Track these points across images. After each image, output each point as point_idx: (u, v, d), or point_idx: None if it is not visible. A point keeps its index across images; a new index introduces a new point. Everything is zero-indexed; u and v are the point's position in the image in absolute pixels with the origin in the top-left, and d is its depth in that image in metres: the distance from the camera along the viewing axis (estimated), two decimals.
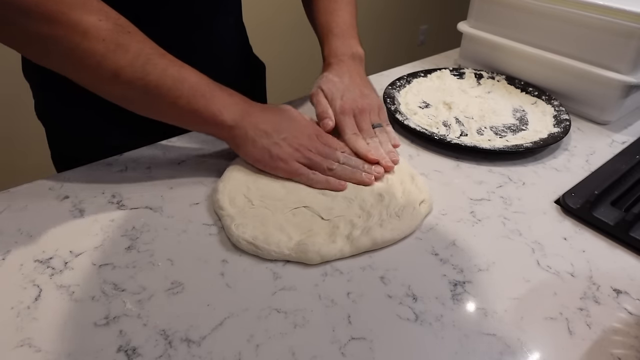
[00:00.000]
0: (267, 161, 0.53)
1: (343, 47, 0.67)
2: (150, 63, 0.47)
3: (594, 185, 0.53)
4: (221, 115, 0.51)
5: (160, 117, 0.52)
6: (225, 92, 0.53)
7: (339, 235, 0.46)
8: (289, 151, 0.53)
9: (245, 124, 0.52)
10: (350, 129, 0.59)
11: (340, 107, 0.60)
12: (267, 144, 0.52)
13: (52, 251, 0.44)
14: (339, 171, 0.53)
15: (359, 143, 0.57)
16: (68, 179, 0.54)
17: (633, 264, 0.46)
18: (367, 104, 0.62)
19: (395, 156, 0.57)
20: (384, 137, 0.60)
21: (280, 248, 0.44)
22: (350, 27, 0.69)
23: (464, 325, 0.39)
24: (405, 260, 0.45)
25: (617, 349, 0.37)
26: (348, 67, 0.65)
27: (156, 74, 0.47)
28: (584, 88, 0.72)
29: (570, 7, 0.70)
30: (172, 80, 0.48)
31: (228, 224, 0.46)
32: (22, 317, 0.38)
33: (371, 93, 0.64)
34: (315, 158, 0.54)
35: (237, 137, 0.52)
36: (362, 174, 0.53)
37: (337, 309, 0.40)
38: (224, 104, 0.51)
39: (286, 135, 0.54)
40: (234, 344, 0.36)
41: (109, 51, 0.44)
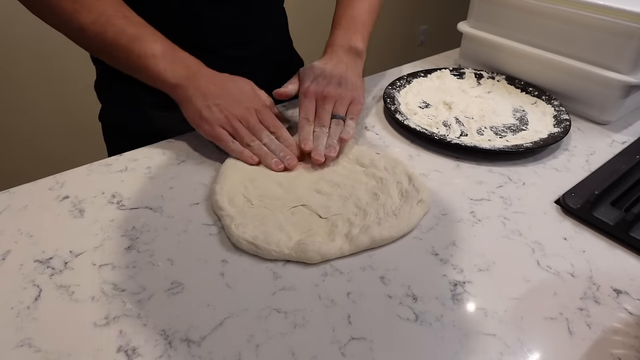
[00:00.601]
0: (196, 121, 0.56)
1: (342, 39, 0.66)
2: (110, 23, 0.53)
3: (594, 185, 0.53)
4: (165, 73, 0.55)
5: (121, 69, 0.57)
6: (178, 55, 0.56)
7: (337, 233, 0.46)
8: (218, 116, 0.55)
9: (188, 84, 0.55)
10: (304, 112, 0.59)
11: (304, 89, 0.61)
12: (200, 105, 0.55)
13: (52, 251, 0.44)
14: (255, 148, 0.55)
15: (302, 130, 0.58)
16: (68, 179, 0.54)
17: (633, 264, 0.46)
18: (337, 93, 0.61)
19: (331, 152, 0.56)
20: (336, 129, 0.58)
21: (280, 247, 0.44)
22: (357, 21, 0.68)
23: (464, 325, 0.39)
24: (405, 260, 0.45)
25: (617, 349, 0.37)
26: (339, 57, 0.65)
27: (113, 31, 0.54)
28: (584, 88, 0.72)
29: (570, 7, 0.70)
30: (127, 39, 0.54)
31: (228, 224, 0.46)
32: (22, 317, 0.38)
33: (350, 84, 0.62)
34: (240, 130, 0.56)
35: (178, 96, 0.56)
36: (272, 159, 0.55)
37: (337, 309, 0.40)
38: (171, 64, 0.55)
39: (222, 102, 0.56)
40: (234, 344, 0.36)
41: (75, 11, 0.53)
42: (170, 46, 0.56)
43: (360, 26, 0.68)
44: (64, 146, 1.76)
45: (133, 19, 0.55)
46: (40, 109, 1.67)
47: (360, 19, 0.68)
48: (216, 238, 0.47)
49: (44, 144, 1.72)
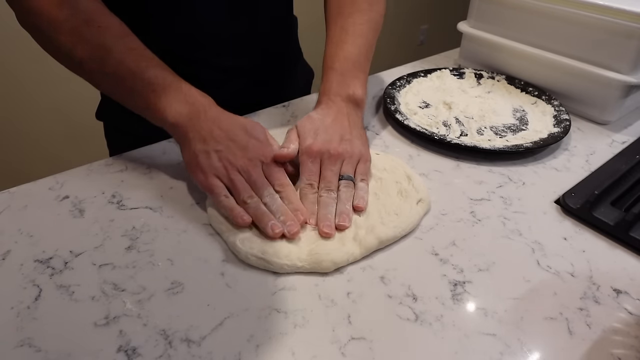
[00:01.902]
0: (191, 167, 0.50)
1: (339, 86, 0.58)
2: (109, 56, 0.50)
3: (594, 185, 0.53)
4: (164, 112, 0.50)
5: (123, 103, 0.54)
6: (182, 91, 0.51)
7: (346, 238, 0.46)
8: (215, 165, 0.48)
9: (189, 125, 0.50)
10: (307, 176, 0.51)
11: (306, 147, 0.52)
12: (198, 150, 0.49)
13: (52, 251, 0.44)
14: (251, 208, 0.46)
15: (306, 198, 0.49)
16: (68, 179, 0.54)
17: (633, 264, 0.46)
18: (344, 150, 0.53)
19: (344, 220, 0.47)
20: (346, 193, 0.50)
21: (292, 260, 0.43)
22: (354, 64, 0.60)
23: (464, 325, 0.39)
24: (405, 260, 0.45)
25: (617, 349, 0.37)
26: (338, 108, 0.57)
27: (113, 65, 0.50)
28: (584, 88, 0.72)
29: (570, 7, 0.70)
30: (127, 73, 0.50)
31: (232, 240, 0.45)
32: (22, 317, 0.38)
33: (355, 139, 0.55)
34: (238, 184, 0.48)
35: (177, 136, 0.51)
36: (269, 221, 0.45)
37: (337, 309, 0.40)
38: (173, 101, 0.50)
39: (223, 148, 0.49)
40: (234, 344, 0.36)
41: (75, 43, 0.50)
42: (175, 81, 0.51)
43: (358, 69, 0.60)
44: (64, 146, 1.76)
45: (138, 51, 0.51)
46: (41, 108, 1.67)
47: (357, 59, 0.61)
48: (216, 238, 0.47)
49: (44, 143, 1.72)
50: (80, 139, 1.71)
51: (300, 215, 0.47)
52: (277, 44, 0.74)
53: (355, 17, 0.63)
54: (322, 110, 0.57)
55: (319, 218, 0.47)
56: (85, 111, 0.76)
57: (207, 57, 0.67)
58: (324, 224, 0.46)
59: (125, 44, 0.51)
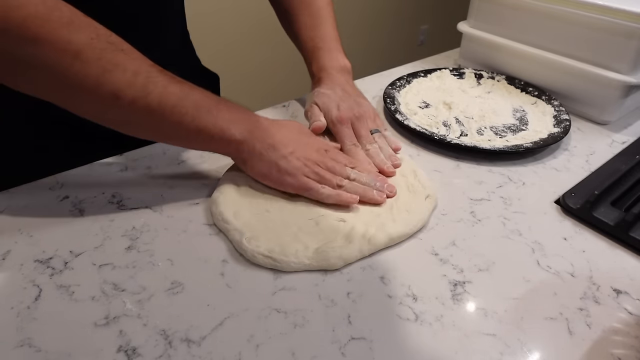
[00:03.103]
0: (274, 176, 0.50)
1: (331, 61, 0.67)
2: (151, 81, 0.44)
3: (594, 185, 0.53)
4: (229, 131, 0.48)
5: (166, 138, 0.50)
6: (231, 107, 0.50)
7: (355, 235, 0.45)
8: (297, 165, 0.50)
9: (253, 137, 0.50)
10: (349, 139, 0.59)
11: (337, 117, 0.60)
12: (274, 158, 0.50)
13: (52, 251, 0.44)
14: (349, 188, 0.51)
15: (359, 154, 0.57)
16: (68, 179, 0.54)
17: (633, 264, 0.46)
18: (364, 111, 0.62)
19: (396, 160, 0.57)
20: (382, 141, 0.60)
21: (300, 258, 0.43)
22: (335, 41, 0.69)
23: (464, 325, 0.39)
24: (405, 260, 0.45)
25: (617, 349, 0.37)
26: (338, 79, 0.65)
27: (158, 91, 0.44)
28: (584, 88, 0.72)
29: (570, 7, 0.70)
30: (176, 97, 0.45)
31: (238, 239, 0.44)
32: (22, 317, 0.38)
33: (365, 101, 0.64)
34: (324, 174, 0.51)
35: (244, 152, 0.50)
36: (373, 191, 0.51)
37: (337, 309, 0.40)
38: (231, 118, 0.49)
39: (293, 149, 0.51)
40: (234, 344, 0.36)
41: (105, 72, 0.41)
42: (217, 97, 0.50)
43: (337, 43, 0.69)
44: None
45: (169, 73, 0.46)
46: None
47: (334, 36, 0.70)
48: (216, 238, 0.47)
49: None
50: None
51: (383, 176, 0.55)
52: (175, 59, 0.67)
53: (318, 3, 0.71)
54: (327, 85, 0.64)
55: (378, 164, 0.56)
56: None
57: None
58: (387, 166, 0.56)
59: (155, 66, 0.45)
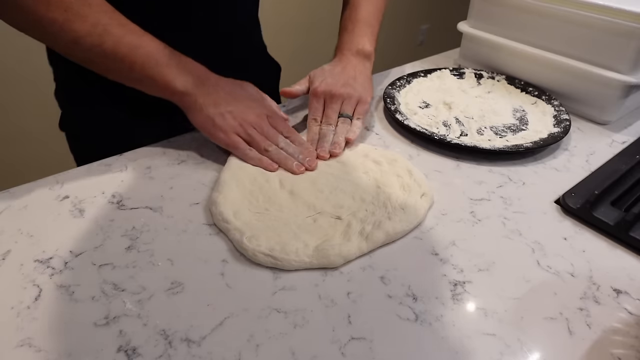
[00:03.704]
0: (209, 129, 0.55)
1: (350, 42, 0.67)
2: (107, 32, 0.51)
3: (594, 185, 0.53)
4: (173, 82, 0.53)
5: (121, 80, 0.55)
6: (182, 61, 0.55)
7: (352, 233, 0.46)
8: (231, 124, 0.55)
9: (197, 91, 0.54)
10: (312, 112, 0.61)
11: (313, 89, 0.62)
12: (212, 113, 0.54)
13: (52, 251, 0.44)
14: (274, 153, 0.55)
15: (310, 130, 0.60)
16: (68, 179, 0.54)
17: (633, 264, 0.46)
18: (345, 92, 0.62)
19: (336, 149, 0.58)
20: (342, 127, 0.60)
21: (300, 257, 0.43)
22: (364, 24, 0.69)
23: (464, 325, 0.39)
24: (405, 260, 0.45)
25: (617, 349, 0.37)
26: (348, 60, 0.66)
27: (112, 41, 0.51)
28: (584, 88, 0.72)
29: (570, 7, 0.70)
30: (128, 48, 0.51)
31: (238, 238, 0.45)
32: (22, 317, 0.38)
33: (358, 85, 0.64)
34: (255, 136, 0.55)
35: (186, 103, 0.55)
36: (293, 162, 0.55)
37: (337, 309, 0.40)
38: (177, 71, 0.54)
39: (233, 108, 0.56)
40: (234, 344, 0.36)
41: (67, 21, 0.49)
42: (173, 52, 0.55)
43: (367, 28, 0.69)
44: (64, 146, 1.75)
45: (129, 26, 0.53)
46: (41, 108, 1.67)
47: (367, 21, 0.69)
48: (216, 238, 0.47)
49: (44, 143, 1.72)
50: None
51: (312, 152, 0.57)
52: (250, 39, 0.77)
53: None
54: (334, 62, 0.66)
55: (318, 145, 0.58)
56: None
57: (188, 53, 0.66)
58: (321, 149, 0.57)
59: (117, 20, 0.52)
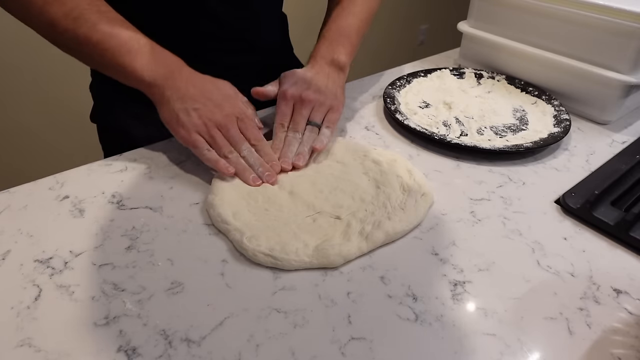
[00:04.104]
0: (172, 125, 0.53)
1: (326, 51, 0.64)
2: (83, 17, 0.50)
3: (594, 185, 0.53)
4: (141, 72, 0.52)
5: (95, 67, 0.55)
6: (156, 52, 0.53)
7: (352, 233, 0.46)
8: (195, 122, 0.52)
9: (166, 84, 0.52)
10: (280, 117, 0.58)
11: (283, 91, 0.59)
12: (177, 108, 0.52)
13: (52, 251, 0.44)
14: (232, 160, 0.53)
15: (276, 137, 0.57)
16: (68, 179, 0.54)
17: (633, 264, 0.46)
18: (315, 99, 0.59)
19: (300, 160, 0.54)
20: (309, 136, 0.57)
21: (300, 256, 0.43)
22: (343, 34, 0.66)
23: (464, 325, 0.39)
24: (405, 260, 0.45)
25: (617, 349, 0.37)
26: (321, 67, 0.63)
27: (87, 27, 0.50)
28: (584, 88, 0.72)
29: (570, 7, 0.70)
30: (101, 35, 0.51)
31: (238, 239, 0.45)
32: (22, 317, 0.38)
33: (330, 93, 0.60)
34: (218, 139, 0.53)
35: (154, 95, 0.53)
36: (250, 175, 0.52)
37: (337, 309, 0.40)
38: (148, 61, 0.52)
39: (201, 106, 0.53)
40: (234, 344, 0.36)
41: (46, 3, 0.49)
42: (149, 43, 0.53)
43: (345, 39, 0.66)
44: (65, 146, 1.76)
45: (108, 14, 0.52)
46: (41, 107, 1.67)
47: (346, 32, 0.66)
48: (216, 238, 0.47)
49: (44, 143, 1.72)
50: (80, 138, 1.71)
51: (276, 166, 0.54)
52: (273, 39, 0.77)
53: (357, 1, 0.69)
54: (306, 68, 0.62)
55: (281, 154, 0.55)
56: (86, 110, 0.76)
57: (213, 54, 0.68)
58: (283, 160, 0.54)
59: (96, 6, 0.52)
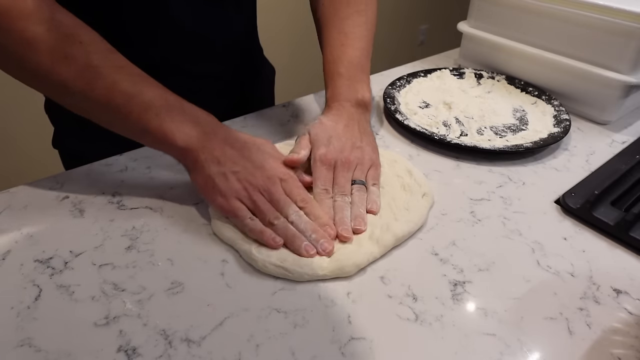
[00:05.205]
0: (208, 191, 0.47)
1: (348, 91, 0.59)
2: (100, 76, 0.44)
3: (594, 185, 0.53)
4: (172, 136, 0.46)
5: (116, 130, 0.49)
6: (186, 112, 0.48)
7: (362, 238, 0.45)
8: (234, 187, 0.46)
9: (200, 147, 0.47)
10: (322, 182, 0.50)
11: (320, 156, 0.51)
12: (214, 173, 0.46)
13: (52, 251, 0.44)
14: (280, 228, 0.45)
15: (323, 203, 0.49)
16: (68, 179, 0.54)
17: (633, 264, 0.46)
18: (356, 157, 0.53)
19: (360, 224, 0.47)
20: (360, 197, 0.50)
21: (314, 269, 0.42)
22: (358, 68, 0.61)
23: (464, 325, 0.39)
24: (405, 260, 0.45)
25: (617, 349, 0.37)
26: (349, 113, 0.57)
27: (105, 88, 0.44)
28: (584, 88, 0.72)
29: (570, 7, 0.70)
30: (122, 96, 0.45)
31: (247, 249, 0.43)
32: (22, 317, 0.38)
33: (366, 146, 0.55)
34: (261, 205, 0.46)
35: (188, 160, 0.48)
36: (302, 243, 0.44)
37: (337, 309, 0.40)
38: (179, 123, 0.47)
39: (240, 169, 0.47)
40: (234, 344, 0.36)
41: (55, 62, 0.43)
42: (177, 100, 0.48)
43: (362, 72, 0.61)
44: None
45: (127, 69, 0.47)
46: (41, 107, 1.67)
47: (360, 62, 0.61)
48: (216, 238, 0.47)
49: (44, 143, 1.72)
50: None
51: (330, 230, 0.46)
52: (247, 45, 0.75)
53: (353, 19, 0.63)
54: (334, 117, 0.56)
55: (336, 222, 0.47)
56: None
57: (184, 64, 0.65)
58: (342, 228, 0.46)
59: (112, 61, 0.46)
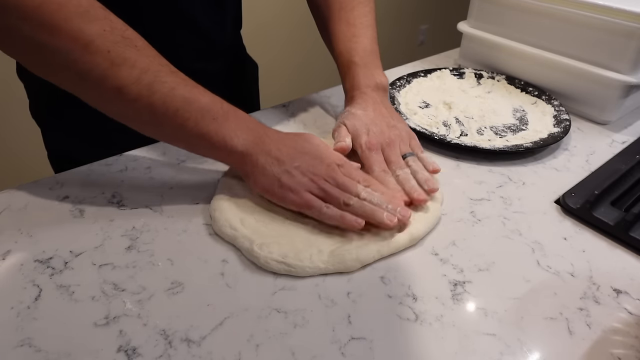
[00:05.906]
0: (276, 192, 0.47)
1: (366, 78, 0.62)
2: (158, 81, 0.43)
3: (594, 185, 0.53)
4: (231, 141, 0.47)
5: (167, 139, 0.49)
6: (240, 116, 0.49)
7: (370, 237, 0.45)
8: (301, 181, 0.47)
9: (257, 150, 0.47)
10: (378, 165, 0.53)
11: (366, 143, 0.54)
12: (277, 172, 0.47)
13: (52, 251, 0.44)
14: (357, 207, 0.46)
15: (389, 182, 0.51)
16: (68, 179, 0.54)
17: (633, 264, 0.46)
18: (396, 135, 0.56)
19: (432, 184, 0.50)
20: (417, 165, 0.53)
21: (315, 263, 0.42)
22: (372, 55, 0.64)
23: (464, 325, 0.39)
24: (405, 260, 0.45)
25: (617, 349, 0.37)
26: (373, 99, 0.60)
27: (163, 92, 0.44)
28: (584, 88, 0.72)
29: (570, 7, 0.70)
30: (181, 100, 0.44)
31: (248, 246, 0.43)
32: (22, 317, 0.38)
33: (398, 123, 0.59)
34: (331, 190, 0.47)
35: (247, 165, 0.48)
36: (383, 213, 0.45)
37: (337, 309, 0.40)
38: (236, 128, 0.47)
39: (300, 163, 0.48)
40: (234, 344, 0.36)
41: (113, 65, 0.41)
42: (230, 107, 0.48)
43: (375, 58, 0.64)
44: None
45: (180, 75, 0.46)
46: None
47: (372, 49, 0.65)
48: (216, 238, 0.47)
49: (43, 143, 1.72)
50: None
51: (404, 197, 0.49)
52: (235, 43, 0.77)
53: (359, 10, 0.66)
54: (361, 105, 0.59)
55: (407, 191, 0.50)
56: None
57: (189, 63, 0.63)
58: (417, 193, 0.49)
59: (166, 66, 0.45)
